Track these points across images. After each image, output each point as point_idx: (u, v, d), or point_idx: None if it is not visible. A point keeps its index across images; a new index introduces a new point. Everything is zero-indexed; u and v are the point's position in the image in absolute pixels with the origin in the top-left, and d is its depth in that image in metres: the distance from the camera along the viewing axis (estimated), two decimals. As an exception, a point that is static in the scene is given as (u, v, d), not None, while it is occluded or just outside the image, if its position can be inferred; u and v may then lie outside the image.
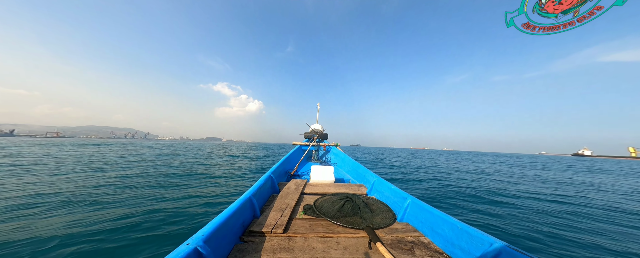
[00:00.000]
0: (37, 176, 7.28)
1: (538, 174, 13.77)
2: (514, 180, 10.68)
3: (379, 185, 3.21)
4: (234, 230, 1.73)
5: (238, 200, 2.04)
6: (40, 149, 21.16)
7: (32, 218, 3.75)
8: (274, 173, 3.44)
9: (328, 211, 2.20)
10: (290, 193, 2.81)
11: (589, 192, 8.06)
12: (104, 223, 3.57)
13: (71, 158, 13.18)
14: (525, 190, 7.86)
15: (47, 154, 15.72)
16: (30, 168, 9.02)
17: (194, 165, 11.94)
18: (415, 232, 1.97)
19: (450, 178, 10.35)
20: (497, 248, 1.41)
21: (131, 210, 4.24)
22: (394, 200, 2.63)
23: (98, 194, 5.33)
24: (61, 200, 4.79)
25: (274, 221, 1.98)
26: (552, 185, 9.57)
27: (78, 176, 7.49)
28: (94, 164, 10.77)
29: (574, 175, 14.47)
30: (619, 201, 6.68)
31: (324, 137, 6.59)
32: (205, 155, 19.52)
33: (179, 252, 1.17)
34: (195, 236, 1.35)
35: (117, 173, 8.31)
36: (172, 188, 6.22)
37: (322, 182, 3.57)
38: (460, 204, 5.62)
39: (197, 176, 8.42)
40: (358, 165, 4.43)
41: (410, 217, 2.25)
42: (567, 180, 11.29)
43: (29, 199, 4.78)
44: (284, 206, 2.35)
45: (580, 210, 5.43)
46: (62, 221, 3.63)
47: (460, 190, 7.44)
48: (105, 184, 6.45)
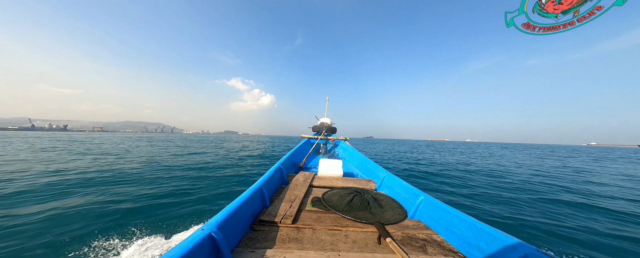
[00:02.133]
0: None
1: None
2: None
3: (389, 181, 3.16)
4: (245, 219, 1.77)
5: (249, 189, 2.06)
6: (128, 143, 25.07)
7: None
8: (283, 164, 3.48)
9: (337, 204, 2.20)
10: (298, 185, 2.83)
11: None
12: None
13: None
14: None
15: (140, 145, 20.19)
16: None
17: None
18: (427, 230, 1.91)
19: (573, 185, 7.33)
20: (523, 251, 1.32)
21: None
22: (405, 197, 2.59)
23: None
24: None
25: (283, 211, 2.01)
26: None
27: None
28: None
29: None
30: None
31: (332, 131, 6.56)
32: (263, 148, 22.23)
33: (194, 236, 1.23)
34: (210, 222, 1.40)
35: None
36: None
37: (331, 175, 3.57)
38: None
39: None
40: (367, 159, 4.42)
41: (422, 214, 2.20)
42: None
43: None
44: (293, 197, 2.37)
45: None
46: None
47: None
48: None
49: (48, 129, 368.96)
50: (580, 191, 6.51)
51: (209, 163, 10.40)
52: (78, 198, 4.75)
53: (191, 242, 1.18)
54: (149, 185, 6.00)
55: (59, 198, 4.73)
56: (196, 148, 19.51)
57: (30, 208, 4.14)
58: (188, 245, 1.15)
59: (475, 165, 12.44)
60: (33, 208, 4.14)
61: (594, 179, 8.88)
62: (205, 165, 9.65)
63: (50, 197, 4.78)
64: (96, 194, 5.07)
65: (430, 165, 11.60)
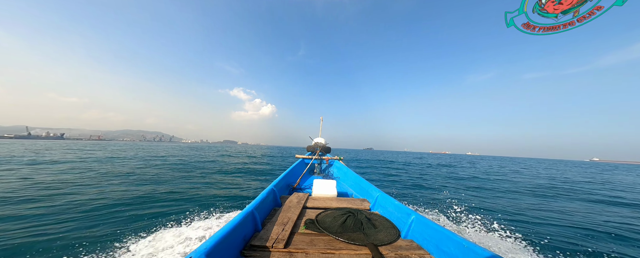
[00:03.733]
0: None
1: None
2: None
3: (382, 200, 3.13)
4: (235, 244, 1.71)
5: (240, 213, 2.01)
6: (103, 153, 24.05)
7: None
8: (276, 186, 3.40)
9: (330, 226, 2.15)
10: (292, 206, 2.77)
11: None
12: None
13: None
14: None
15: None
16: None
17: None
18: (419, 250, 1.90)
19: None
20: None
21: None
22: (397, 216, 2.56)
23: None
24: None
25: (275, 235, 1.95)
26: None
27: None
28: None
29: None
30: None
31: (326, 151, 6.57)
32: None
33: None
34: (197, 250, 1.35)
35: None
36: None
37: (325, 196, 3.50)
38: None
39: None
40: (361, 179, 4.37)
41: (414, 234, 2.19)
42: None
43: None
44: (285, 220, 2.31)
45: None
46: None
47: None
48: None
49: (44, 138, 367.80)
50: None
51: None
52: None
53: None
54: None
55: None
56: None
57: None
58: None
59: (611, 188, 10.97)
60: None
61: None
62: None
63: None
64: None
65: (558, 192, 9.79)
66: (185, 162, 16.59)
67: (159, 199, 6.29)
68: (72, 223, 4.41)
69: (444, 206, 6.53)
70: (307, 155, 6.56)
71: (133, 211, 5.18)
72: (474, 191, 9.81)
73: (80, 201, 5.80)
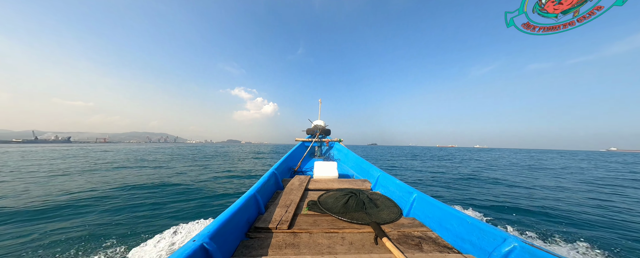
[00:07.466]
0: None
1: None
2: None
3: (383, 180, 3.13)
4: (239, 227, 1.73)
5: (242, 196, 2.02)
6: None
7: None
8: (277, 169, 3.42)
9: (332, 207, 2.19)
10: (294, 189, 2.80)
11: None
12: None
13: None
14: None
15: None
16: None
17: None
18: (422, 227, 1.92)
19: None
20: (511, 243, 1.35)
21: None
22: (399, 195, 2.57)
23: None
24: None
25: (278, 217, 1.98)
26: None
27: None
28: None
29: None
30: None
31: (326, 133, 6.46)
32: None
33: (185, 248, 1.16)
34: (201, 233, 1.34)
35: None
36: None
37: (326, 178, 3.54)
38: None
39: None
40: (362, 160, 4.35)
41: (417, 212, 2.20)
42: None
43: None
44: (288, 202, 2.34)
45: None
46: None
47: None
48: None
49: (51, 142, 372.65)
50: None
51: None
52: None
53: (181, 255, 1.10)
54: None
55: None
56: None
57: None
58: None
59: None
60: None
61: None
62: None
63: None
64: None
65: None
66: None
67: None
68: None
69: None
70: (307, 138, 6.44)
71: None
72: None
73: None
